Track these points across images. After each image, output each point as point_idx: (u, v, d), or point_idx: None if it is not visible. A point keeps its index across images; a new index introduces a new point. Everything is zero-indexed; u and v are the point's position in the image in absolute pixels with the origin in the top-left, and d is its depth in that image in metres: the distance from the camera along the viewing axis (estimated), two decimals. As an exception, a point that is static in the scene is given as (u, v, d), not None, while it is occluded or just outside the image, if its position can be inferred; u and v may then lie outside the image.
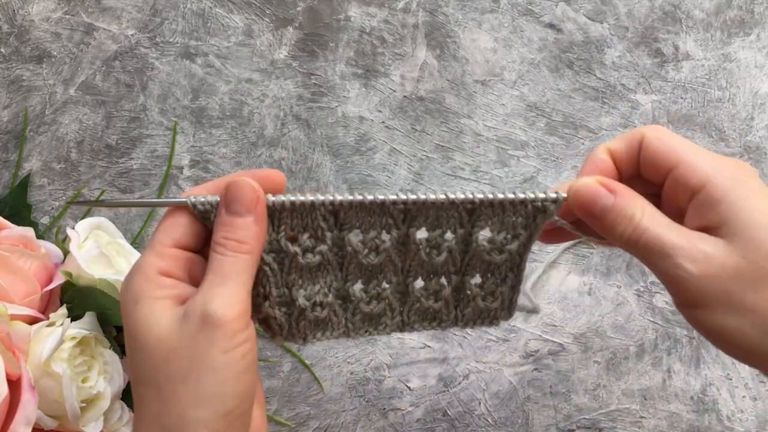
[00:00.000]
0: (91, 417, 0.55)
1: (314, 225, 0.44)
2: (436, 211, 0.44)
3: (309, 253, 0.44)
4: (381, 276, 0.46)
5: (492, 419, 0.64)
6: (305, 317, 0.45)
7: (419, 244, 0.45)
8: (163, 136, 0.67)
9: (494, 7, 0.69)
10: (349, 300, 0.46)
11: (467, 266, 0.46)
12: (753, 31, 0.69)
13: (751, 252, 0.38)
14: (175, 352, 0.39)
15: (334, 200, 0.43)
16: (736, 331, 0.39)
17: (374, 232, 0.44)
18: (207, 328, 0.39)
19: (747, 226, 0.38)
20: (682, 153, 0.41)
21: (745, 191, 0.39)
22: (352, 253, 0.45)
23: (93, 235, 0.59)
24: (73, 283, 0.57)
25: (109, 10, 0.68)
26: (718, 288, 0.38)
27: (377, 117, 0.68)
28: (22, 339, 0.53)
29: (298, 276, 0.45)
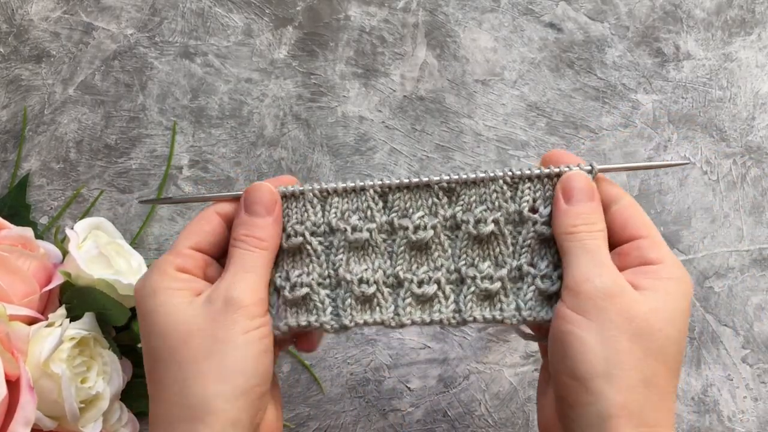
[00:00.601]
0: (90, 417, 0.55)
1: (363, 207, 0.47)
2: (478, 188, 0.47)
3: (357, 232, 0.47)
4: (432, 263, 0.48)
5: (492, 420, 0.64)
6: (352, 293, 0.46)
7: (467, 221, 0.47)
8: (163, 136, 0.67)
9: (494, 6, 0.69)
10: (400, 284, 0.47)
11: (522, 249, 0.47)
12: (754, 30, 0.69)
13: (648, 317, 0.41)
14: (198, 333, 0.42)
15: (383, 183, 0.47)
16: (588, 350, 0.41)
17: (422, 212, 0.47)
18: (230, 310, 0.42)
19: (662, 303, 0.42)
20: (650, 229, 0.45)
21: (682, 291, 0.43)
22: (401, 233, 0.47)
23: (92, 236, 0.59)
24: (72, 284, 0.57)
25: (108, 9, 0.68)
26: (608, 310, 0.41)
27: (377, 117, 0.68)
28: (21, 339, 0.52)
29: (345, 257, 0.47)
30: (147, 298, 0.44)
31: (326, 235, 0.48)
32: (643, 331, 0.41)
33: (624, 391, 0.40)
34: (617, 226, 0.46)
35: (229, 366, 0.41)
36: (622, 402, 0.40)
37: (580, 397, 0.41)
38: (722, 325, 0.65)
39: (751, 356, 0.65)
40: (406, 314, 0.47)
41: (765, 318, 0.66)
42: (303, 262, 0.47)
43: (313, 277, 0.47)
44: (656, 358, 0.41)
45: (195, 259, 0.46)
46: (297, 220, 0.47)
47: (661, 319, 0.42)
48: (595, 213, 0.46)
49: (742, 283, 0.66)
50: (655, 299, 0.42)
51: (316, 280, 0.47)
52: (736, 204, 0.67)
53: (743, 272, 0.66)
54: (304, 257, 0.47)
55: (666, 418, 0.41)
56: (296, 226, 0.47)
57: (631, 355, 0.41)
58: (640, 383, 0.41)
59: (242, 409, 0.41)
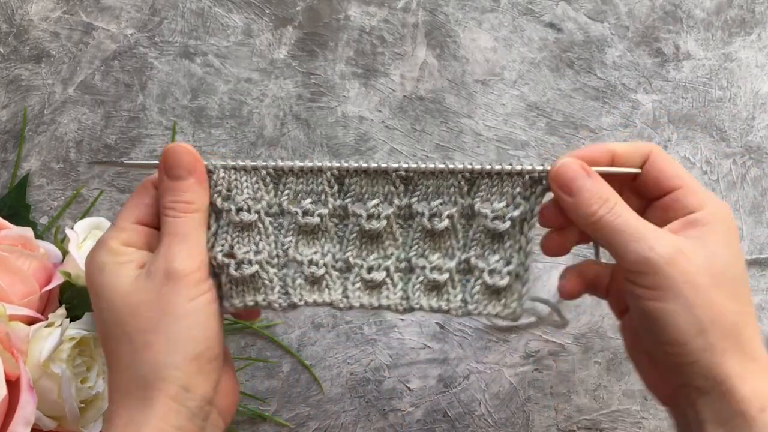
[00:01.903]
0: (90, 417, 0.55)
1: (318, 190, 0.47)
2: (436, 180, 0.47)
3: (308, 216, 0.47)
4: (382, 251, 0.48)
5: (492, 420, 0.64)
6: (302, 273, 0.47)
7: (422, 213, 0.47)
8: (162, 136, 0.67)
9: (494, 6, 0.69)
10: (349, 269, 0.47)
11: (472, 242, 0.47)
12: (754, 30, 0.69)
13: (715, 261, 0.43)
14: (144, 306, 0.43)
15: (340, 166, 0.46)
16: (678, 320, 0.42)
17: (377, 200, 0.47)
18: (172, 281, 0.43)
19: (718, 244, 0.43)
20: (685, 178, 0.46)
21: (729, 232, 0.45)
22: (354, 220, 0.47)
23: (92, 235, 0.59)
24: (72, 283, 0.57)
25: (108, 9, 0.68)
26: (681, 277, 0.42)
27: (377, 117, 0.68)
28: (21, 339, 0.52)
29: (295, 240, 0.47)
30: (94, 274, 0.45)
31: (276, 216, 0.47)
32: (713, 280, 0.43)
33: (722, 340, 0.42)
34: (650, 181, 0.46)
35: (177, 335, 0.42)
36: (723, 348, 0.42)
37: (685, 359, 0.43)
38: (722, 325, 0.65)
39: (751, 356, 0.65)
40: (354, 297, 0.47)
41: (765, 318, 0.66)
42: (252, 239, 0.47)
43: (262, 256, 0.46)
44: (735, 299, 0.43)
45: (137, 232, 0.46)
46: (250, 196, 0.46)
47: (723, 263, 0.43)
48: (601, 189, 0.45)
49: (742, 283, 0.66)
50: (711, 246, 0.43)
51: (265, 259, 0.46)
52: (736, 204, 0.67)
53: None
54: (253, 235, 0.47)
55: (761, 345, 0.43)
56: (249, 202, 0.46)
57: (714, 305, 0.42)
58: (732, 327, 0.42)
59: (194, 374, 0.42)
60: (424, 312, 0.48)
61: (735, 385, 0.42)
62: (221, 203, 0.46)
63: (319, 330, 0.65)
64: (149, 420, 0.41)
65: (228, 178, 0.46)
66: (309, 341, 0.65)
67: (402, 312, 0.48)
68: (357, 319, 0.65)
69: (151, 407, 0.41)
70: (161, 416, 0.41)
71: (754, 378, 0.42)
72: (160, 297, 0.43)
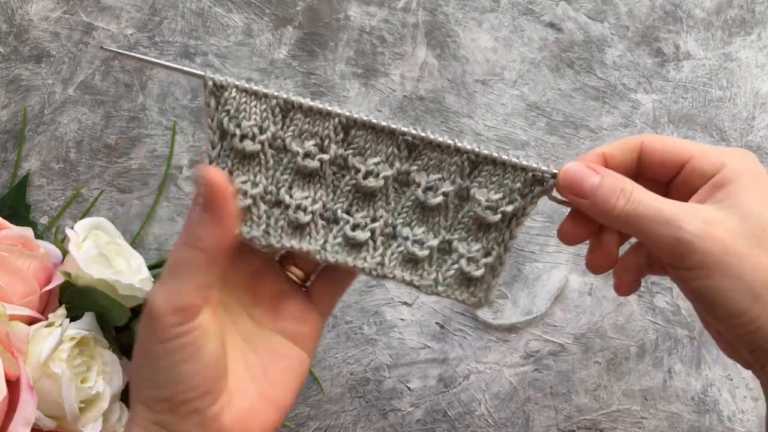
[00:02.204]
0: (90, 418, 0.55)
1: (323, 134, 0.45)
2: (441, 154, 0.46)
3: (309, 158, 0.45)
4: (372, 210, 0.46)
5: (492, 420, 0.64)
6: (286, 217, 0.45)
7: (418, 183, 0.46)
8: (163, 136, 0.67)
9: (494, 6, 0.69)
10: (335, 222, 0.46)
11: (459, 225, 0.47)
12: (754, 30, 0.69)
13: (750, 223, 0.41)
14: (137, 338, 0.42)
15: (350, 115, 0.45)
16: (730, 292, 0.40)
17: (378, 158, 0.46)
18: (147, 318, 0.41)
19: (749, 202, 0.41)
20: (691, 147, 0.44)
21: (756, 182, 0.42)
22: (352, 173, 0.46)
23: (92, 235, 0.59)
24: (72, 283, 0.57)
25: (108, 9, 0.68)
26: (716, 250, 0.40)
27: (377, 117, 0.67)
28: (21, 339, 0.52)
29: (291, 179, 0.46)
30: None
31: (279, 150, 0.46)
32: (753, 240, 0.41)
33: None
34: (658, 167, 0.45)
35: (144, 375, 0.41)
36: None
37: (747, 328, 0.41)
38: (722, 324, 0.65)
39: (751, 356, 0.65)
40: (331, 251, 0.46)
41: None
42: (251, 169, 0.45)
43: (258, 190, 0.45)
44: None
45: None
46: (256, 123, 0.45)
47: (760, 217, 0.41)
48: (614, 181, 0.44)
49: (742, 283, 0.66)
50: (742, 204, 0.41)
51: (260, 194, 0.45)
52: (736, 204, 0.67)
53: (743, 272, 0.66)
54: (253, 165, 0.45)
55: None
56: (255, 130, 0.45)
57: (762, 266, 0.41)
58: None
59: (165, 412, 0.40)
60: (395, 282, 0.47)
61: None
62: (227, 124, 0.45)
63: (319, 330, 0.65)
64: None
65: (238, 98, 0.45)
66: (309, 341, 0.65)
67: (374, 277, 0.47)
68: (357, 319, 0.65)
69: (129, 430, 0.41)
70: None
71: None
72: (141, 332, 0.41)
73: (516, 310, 0.65)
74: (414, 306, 0.65)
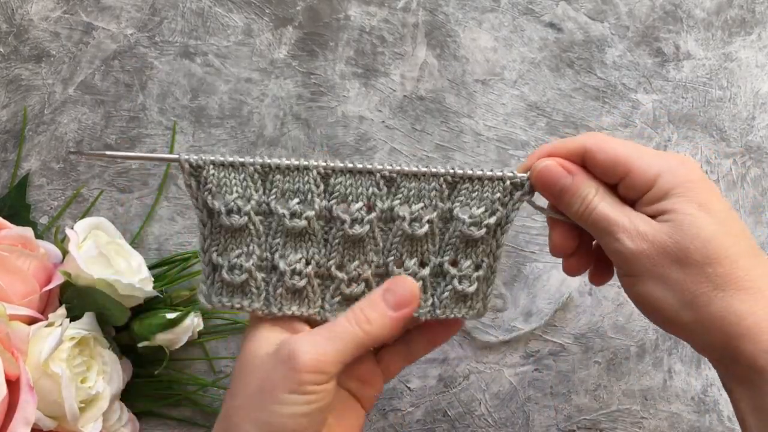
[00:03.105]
0: (90, 417, 0.55)
1: (305, 189, 0.46)
2: (419, 182, 0.47)
3: (296, 218, 0.46)
4: (363, 256, 0.47)
5: (492, 420, 0.64)
6: (284, 284, 0.47)
7: (403, 217, 0.47)
8: (163, 136, 0.67)
9: (494, 6, 0.69)
10: (330, 280, 0.48)
11: (447, 246, 0.48)
12: (754, 30, 0.69)
13: (680, 235, 0.43)
14: (256, 371, 0.43)
15: (326, 164, 0.46)
16: (660, 301, 0.44)
17: (361, 203, 0.47)
18: (286, 365, 0.42)
19: (681, 215, 0.43)
20: (630, 160, 0.45)
21: (687, 187, 0.44)
22: (338, 224, 0.47)
23: (92, 235, 0.59)
24: (72, 283, 0.57)
25: (108, 9, 0.68)
26: (648, 262, 0.44)
27: (377, 116, 0.67)
28: (21, 339, 0.52)
29: (282, 241, 0.47)
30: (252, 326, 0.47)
31: (266, 215, 0.47)
32: (682, 253, 0.43)
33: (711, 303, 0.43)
34: (599, 173, 0.46)
35: (261, 416, 0.42)
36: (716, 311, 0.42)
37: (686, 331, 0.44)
38: (722, 324, 0.65)
39: (751, 356, 0.65)
40: (331, 310, 0.48)
41: (765, 318, 0.66)
42: (243, 241, 0.47)
43: (252, 260, 0.47)
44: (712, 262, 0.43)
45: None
46: (239, 195, 0.46)
47: (687, 233, 0.43)
48: (579, 184, 0.46)
49: (742, 283, 0.66)
50: (671, 219, 0.44)
51: (255, 263, 0.47)
52: (736, 204, 0.67)
53: (743, 272, 0.66)
54: (245, 236, 0.47)
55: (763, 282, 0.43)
56: (239, 202, 0.46)
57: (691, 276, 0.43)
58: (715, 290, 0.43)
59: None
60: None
61: (739, 346, 0.42)
62: (211, 202, 0.46)
63: (319, 330, 0.65)
64: None
65: (217, 174, 0.46)
66: (309, 341, 0.65)
67: None
68: (357, 319, 0.65)
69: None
70: None
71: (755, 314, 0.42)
72: (270, 372, 0.42)
73: (516, 310, 0.65)
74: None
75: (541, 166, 0.47)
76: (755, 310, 0.42)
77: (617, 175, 0.46)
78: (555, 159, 0.47)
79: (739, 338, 0.42)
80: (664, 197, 0.44)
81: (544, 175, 0.47)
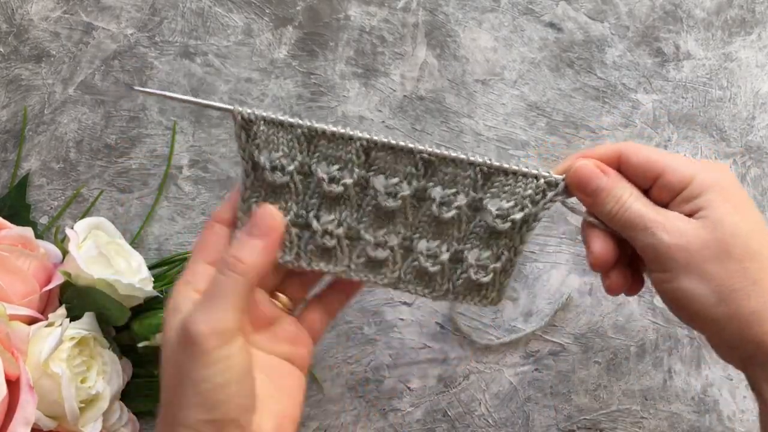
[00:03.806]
0: (90, 417, 0.55)
1: (346, 158, 0.48)
2: (455, 168, 0.48)
3: (334, 183, 0.48)
4: (392, 226, 0.49)
5: (492, 420, 0.64)
6: (314, 241, 0.49)
7: (433, 199, 0.48)
8: (163, 136, 0.67)
9: (494, 6, 0.69)
10: (358, 240, 0.49)
11: (470, 234, 0.49)
12: (754, 30, 0.69)
13: (720, 230, 0.44)
14: (170, 362, 0.43)
15: (370, 138, 0.47)
16: (696, 296, 0.44)
17: (397, 179, 0.48)
18: (186, 343, 0.42)
19: (718, 212, 0.44)
20: (663, 162, 0.46)
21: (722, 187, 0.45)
22: (372, 193, 0.48)
23: (92, 235, 0.59)
24: (72, 283, 0.57)
25: (108, 9, 0.68)
26: (686, 257, 0.44)
27: (377, 116, 0.67)
28: (21, 339, 0.52)
29: (318, 202, 0.49)
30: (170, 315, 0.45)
31: (306, 175, 0.48)
32: (721, 248, 0.44)
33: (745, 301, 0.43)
34: (632, 177, 0.48)
35: (190, 399, 0.41)
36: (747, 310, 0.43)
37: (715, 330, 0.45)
38: (722, 324, 0.65)
39: (751, 356, 0.65)
40: (356, 270, 0.50)
41: (765, 318, 0.66)
42: (282, 197, 0.48)
43: (290, 217, 0.48)
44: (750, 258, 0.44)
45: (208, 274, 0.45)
46: (284, 153, 0.48)
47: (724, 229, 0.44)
48: (614, 184, 0.47)
49: (742, 283, 0.66)
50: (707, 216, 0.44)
51: (291, 220, 0.49)
52: (736, 204, 0.67)
53: (743, 272, 0.66)
54: (284, 193, 0.48)
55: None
56: (283, 160, 0.48)
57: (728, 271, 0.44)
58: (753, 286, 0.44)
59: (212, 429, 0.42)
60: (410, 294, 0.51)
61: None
62: (257, 156, 0.47)
63: (319, 330, 0.65)
64: None
65: (266, 131, 0.47)
66: (309, 341, 0.65)
67: (393, 288, 0.50)
68: (357, 319, 0.65)
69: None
70: None
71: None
72: (178, 357, 0.42)
73: (516, 310, 0.65)
74: (414, 306, 0.65)
75: (578, 165, 0.48)
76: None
77: (652, 176, 0.47)
78: (591, 159, 0.48)
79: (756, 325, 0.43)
80: (700, 195, 0.45)
81: (580, 173, 0.47)
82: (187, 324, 0.42)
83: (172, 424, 0.42)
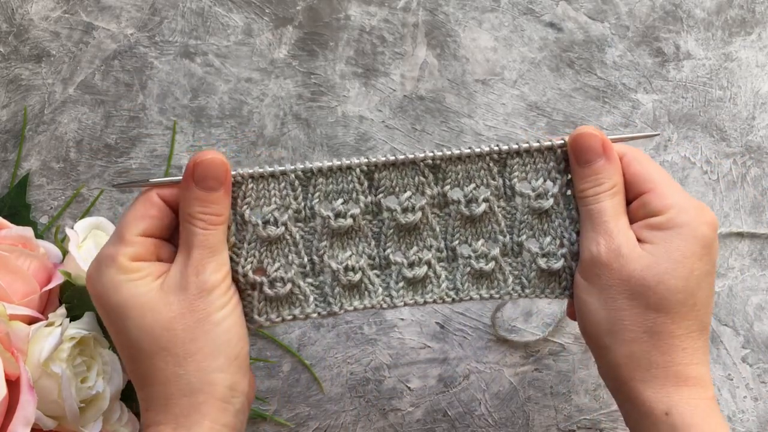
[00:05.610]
0: (90, 417, 0.55)
1: (349, 188, 0.46)
2: (465, 165, 0.46)
3: (341, 218, 0.46)
4: (421, 242, 0.47)
5: (492, 420, 0.64)
6: (339, 281, 0.46)
7: (457, 201, 0.47)
8: (163, 136, 0.67)
9: (494, 6, 0.69)
10: (389, 267, 0.47)
11: (521, 224, 0.48)
12: (754, 30, 0.69)
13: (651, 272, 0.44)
14: (178, 319, 0.43)
15: (369, 161, 0.46)
16: (593, 316, 0.45)
17: (409, 192, 0.46)
18: (204, 294, 0.44)
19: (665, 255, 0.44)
20: (659, 182, 0.46)
21: (689, 234, 0.44)
22: (389, 214, 0.46)
23: (92, 235, 0.59)
24: (72, 283, 0.57)
25: (108, 9, 0.68)
26: (607, 277, 0.44)
27: (377, 116, 0.67)
28: (21, 339, 0.52)
29: (329, 243, 0.46)
30: (109, 294, 0.44)
31: (307, 220, 0.46)
32: (640, 288, 0.44)
33: (627, 343, 0.44)
34: (626, 184, 0.47)
35: (217, 341, 0.44)
36: (626, 352, 0.44)
37: (597, 352, 0.47)
38: (722, 324, 0.65)
39: (751, 356, 0.65)
40: (398, 296, 0.47)
41: (765, 318, 0.66)
42: (281, 252, 0.46)
43: (293, 270, 0.46)
44: (658, 310, 0.44)
45: (145, 245, 0.45)
46: (276, 206, 0.46)
47: (658, 273, 0.44)
48: (605, 170, 0.46)
49: (742, 283, 0.66)
50: (653, 253, 0.44)
51: (296, 272, 0.46)
52: (736, 204, 0.67)
53: (743, 272, 0.66)
54: (282, 247, 0.46)
55: (682, 358, 0.44)
56: (276, 214, 0.46)
57: (631, 311, 0.44)
58: (643, 334, 0.44)
59: (235, 373, 0.44)
60: (475, 301, 0.48)
61: (641, 389, 0.44)
62: (249, 216, 0.45)
63: (319, 330, 0.65)
64: (201, 422, 0.43)
65: (256, 187, 0.46)
66: (309, 341, 0.65)
67: (451, 303, 0.48)
68: (357, 319, 0.65)
69: (200, 411, 0.43)
70: (212, 417, 0.43)
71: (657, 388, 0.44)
72: (194, 309, 0.44)
73: (516, 310, 0.65)
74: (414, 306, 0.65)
75: (587, 130, 0.47)
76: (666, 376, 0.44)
77: (640, 190, 0.46)
78: (601, 133, 0.47)
79: (643, 383, 0.44)
80: (665, 229, 0.45)
81: (584, 140, 0.46)
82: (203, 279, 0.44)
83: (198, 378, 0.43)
